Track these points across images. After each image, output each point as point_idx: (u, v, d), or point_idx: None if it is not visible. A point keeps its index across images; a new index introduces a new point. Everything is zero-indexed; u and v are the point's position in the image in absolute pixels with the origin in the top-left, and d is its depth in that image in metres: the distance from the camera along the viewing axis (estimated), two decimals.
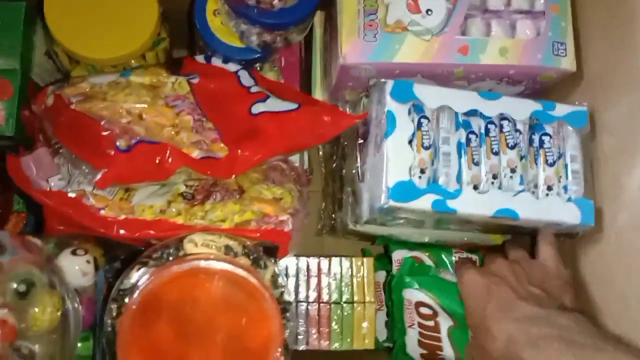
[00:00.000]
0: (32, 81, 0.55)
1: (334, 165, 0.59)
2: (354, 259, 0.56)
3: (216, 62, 0.55)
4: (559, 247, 0.49)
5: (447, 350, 0.49)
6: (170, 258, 0.40)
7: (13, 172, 0.47)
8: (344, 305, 0.55)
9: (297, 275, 0.56)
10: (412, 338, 0.51)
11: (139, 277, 0.40)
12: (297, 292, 0.55)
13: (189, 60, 0.55)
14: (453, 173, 0.46)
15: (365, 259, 0.57)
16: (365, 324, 0.55)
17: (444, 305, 0.49)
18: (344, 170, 0.56)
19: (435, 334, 0.50)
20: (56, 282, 0.39)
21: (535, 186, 0.47)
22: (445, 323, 0.49)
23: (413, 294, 0.50)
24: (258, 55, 0.55)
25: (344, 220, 0.56)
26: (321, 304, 0.55)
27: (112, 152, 0.43)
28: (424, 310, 0.50)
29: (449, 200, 0.45)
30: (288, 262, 0.55)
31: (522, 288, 0.45)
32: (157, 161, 0.44)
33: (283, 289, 0.43)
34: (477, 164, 0.46)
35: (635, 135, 0.44)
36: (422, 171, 0.45)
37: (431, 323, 0.50)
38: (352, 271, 0.56)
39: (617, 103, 0.47)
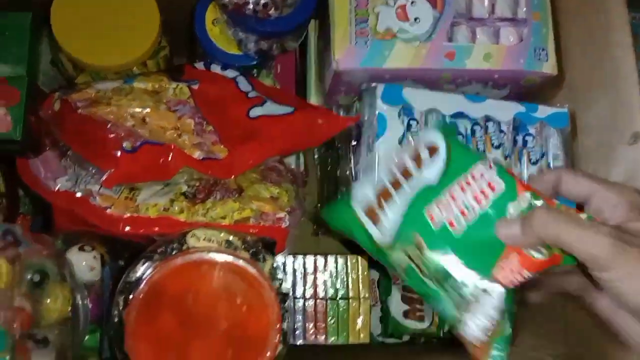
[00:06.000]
0: (37, 88, 0.57)
1: (329, 168, 0.62)
2: (348, 257, 0.59)
3: (215, 68, 0.57)
4: None
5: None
6: (174, 252, 0.43)
7: (23, 174, 0.49)
8: (340, 301, 0.58)
9: (294, 273, 0.58)
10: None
11: (144, 270, 0.42)
12: (294, 289, 0.57)
13: (189, 67, 0.57)
14: None
15: (359, 257, 0.59)
16: (360, 319, 0.58)
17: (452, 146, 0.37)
18: (338, 172, 0.58)
19: None
20: (67, 275, 0.41)
21: None
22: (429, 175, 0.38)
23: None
24: (255, 62, 0.57)
25: None
26: (317, 300, 0.57)
27: (119, 153, 0.45)
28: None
29: None
30: (286, 261, 0.58)
31: None
32: (161, 161, 0.46)
33: (281, 282, 0.45)
34: None
35: (612, 134, 0.47)
36: None
37: None
38: (347, 268, 0.58)
39: (596, 104, 0.50)
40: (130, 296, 0.41)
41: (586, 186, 0.34)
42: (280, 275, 0.45)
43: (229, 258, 0.41)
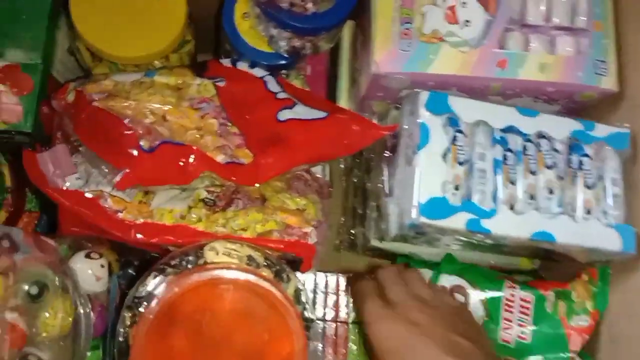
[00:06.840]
0: (52, 78, 0.54)
1: (356, 179, 0.58)
2: None
3: (242, 66, 0.53)
4: None
5: None
6: (189, 266, 0.38)
7: (29, 168, 0.45)
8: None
9: (314, 292, 0.54)
10: None
11: (155, 284, 0.38)
12: (313, 310, 0.53)
13: (214, 63, 0.53)
14: (488, 191, 0.44)
15: None
16: None
17: (477, 284, 0.49)
18: (367, 184, 0.54)
19: None
20: (69, 285, 0.37)
21: (573, 209, 0.45)
22: (476, 311, 0.48)
23: (448, 279, 0.50)
24: (285, 61, 0.53)
25: (367, 236, 0.54)
26: (339, 323, 0.53)
27: (135, 152, 0.41)
28: (457, 296, 0.49)
29: (483, 219, 0.43)
30: (305, 278, 0.53)
31: (447, 339, 0.39)
32: (181, 164, 0.42)
33: (306, 306, 0.41)
34: (513, 182, 0.44)
35: None
36: (456, 188, 0.43)
37: None
38: None
39: None
40: (138, 313, 0.37)
41: None
42: (304, 298, 0.41)
43: (250, 277, 0.37)
